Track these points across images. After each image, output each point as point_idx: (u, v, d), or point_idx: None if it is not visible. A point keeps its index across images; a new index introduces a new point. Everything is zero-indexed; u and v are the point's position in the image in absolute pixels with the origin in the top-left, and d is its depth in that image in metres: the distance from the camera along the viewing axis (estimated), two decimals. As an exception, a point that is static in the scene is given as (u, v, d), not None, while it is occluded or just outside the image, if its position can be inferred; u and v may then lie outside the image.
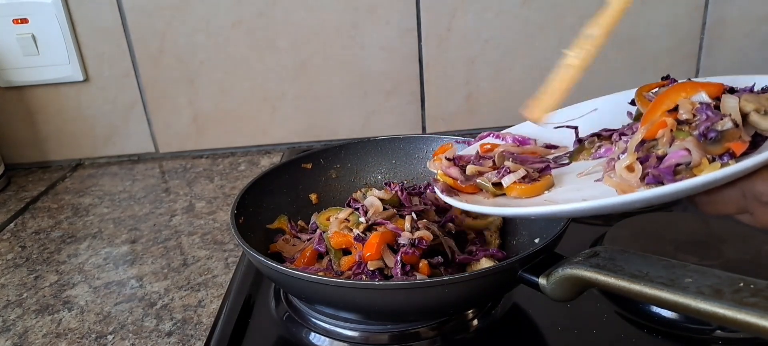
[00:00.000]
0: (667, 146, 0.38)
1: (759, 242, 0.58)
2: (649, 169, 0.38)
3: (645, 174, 0.38)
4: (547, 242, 0.47)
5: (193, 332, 0.55)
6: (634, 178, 0.38)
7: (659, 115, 0.40)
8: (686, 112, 0.39)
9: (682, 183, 0.34)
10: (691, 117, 0.39)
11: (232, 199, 0.84)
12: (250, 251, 0.49)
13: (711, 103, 0.39)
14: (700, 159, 0.36)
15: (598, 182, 0.43)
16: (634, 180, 0.38)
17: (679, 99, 0.40)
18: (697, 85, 0.40)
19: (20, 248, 0.75)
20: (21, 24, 0.91)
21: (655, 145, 0.39)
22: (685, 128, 0.38)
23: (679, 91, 0.40)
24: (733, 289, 0.35)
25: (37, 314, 0.60)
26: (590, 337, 0.50)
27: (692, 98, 0.40)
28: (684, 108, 0.39)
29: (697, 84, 0.40)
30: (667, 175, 0.36)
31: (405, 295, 0.46)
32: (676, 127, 0.39)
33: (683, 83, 0.41)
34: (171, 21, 0.93)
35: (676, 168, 0.37)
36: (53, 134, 1.01)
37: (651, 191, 0.35)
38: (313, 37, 0.95)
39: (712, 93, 0.39)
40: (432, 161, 0.52)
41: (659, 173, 0.37)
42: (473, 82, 0.99)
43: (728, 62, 0.98)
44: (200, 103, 0.99)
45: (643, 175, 0.38)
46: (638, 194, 0.35)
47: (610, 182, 0.40)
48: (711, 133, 0.37)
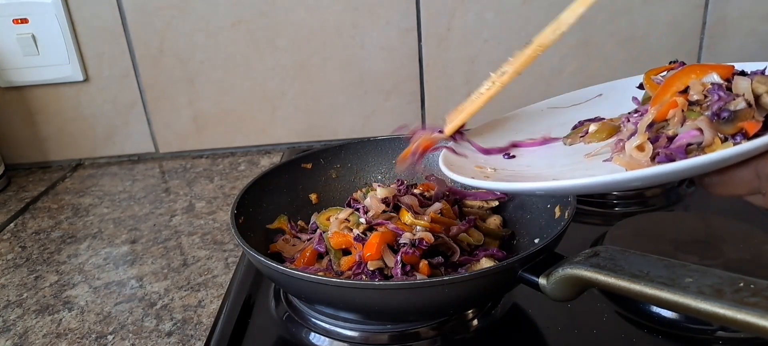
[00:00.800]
0: (679, 126, 0.38)
1: (759, 242, 0.58)
2: (660, 149, 0.37)
3: (656, 153, 0.38)
4: (547, 242, 0.47)
5: (193, 332, 0.55)
6: (644, 157, 0.38)
7: (669, 96, 0.40)
8: (697, 93, 0.39)
9: (696, 159, 0.33)
10: (703, 98, 0.38)
11: (232, 199, 0.84)
12: (250, 251, 0.49)
13: (723, 83, 0.38)
14: (712, 138, 0.36)
15: (607, 162, 0.42)
16: (644, 159, 0.38)
17: (689, 80, 0.40)
18: (707, 67, 0.40)
19: (20, 248, 0.75)
20: (21, 24, 0.91)
21: (665, 126, 0.39)
22: (696, 109, 0.38)
23: (689, 73, 0.40)
24: (733, 289, 0.34)
25: (38, 314, 0.60)
26: (590, 337, 0.50)
27: (703, 79, 0.39)
28: (695, 89, 0.39)
29: (707, 66, 0.40)
30: (680, 153, 0.36)
31: (405, 295, 0.45)
32: (687, 107, 0.38)
33: (693, 66, 0.41)
34: (171, 21, 0.93)
35: (687, 147, 0.36)
36: (53, 134, 1.01)
37: (664, 167, 0.34)
38: (313, 37, 0.95)
39: (722, 75, 0.39)
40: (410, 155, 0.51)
41: (671, 152, 0.37)
42: (473, 82, 0.98)
43: (728, 61, 0.98)
44: (200, 103, 0.99)
45: (653, 154, 0.38)
46: (651, 169, 0.35)
47: (620, 161, 0.40)
48: (724, 113, 0.36)
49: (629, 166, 0.39)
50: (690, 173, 0.35)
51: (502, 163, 0.49)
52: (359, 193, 0.64)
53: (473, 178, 0.44)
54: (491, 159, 0.50)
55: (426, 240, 0.53)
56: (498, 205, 0.65)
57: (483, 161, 0.49)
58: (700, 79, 0.39)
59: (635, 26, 0.95)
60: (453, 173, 0.45)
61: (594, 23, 0.94)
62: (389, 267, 0.52)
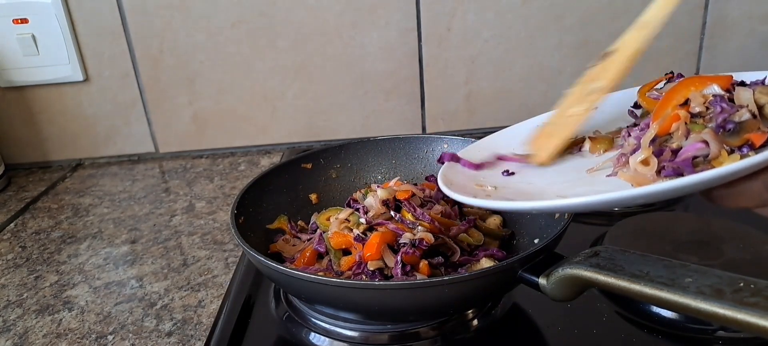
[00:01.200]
0: (683, 139, 0.38)
1: (759, 242, 0.58)
2: (665, 163, 0.37)
3: (661, 167, 0.37)
4: (547, 242, 0.47)
5: (193, 332, 0.55)
6: (649, 171, 0.38)
7: (671, 109, 0.39)
8: (698, 105, 0.38)
9: (708, 173, 0.32)
10: (704, 110, 0.38)
11: (232, 199, 0.84)
12: (250, 251, 0.49)
13: (724, 95, 0.38)
14: (718, 151, 0.36)
15: (611, 178, 0.42)
16: (650, 174, 0.38)
17: (689, 93, 0.39)
18: (705, 78, 0.40)
19: (20, 248, 0.75)
20: (21, 24, 0.91)
21: (668, 139, 0.39)
22: (699, 121, 0.38)
23: (688, 86, 0.40)
24: (733, 289, 0.34)
25: (38, 314, 0.60)
26: (590, 337, 0.50)
27: (704, 91, 0.39)
28: (696, 101, 0.39)
29: (706, 78, 0.40)
30: (687, 166, 0.36)
31: (405, 295, 0.45)
32: (690, 120, 0.38)
33: (691, 78, 0.41)
34: (171, 21, 0.93)
35: (693, 160, 0.36)
36: (53, 134, 1.01)
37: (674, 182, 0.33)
38: (313, 37, 0.95)
39: (722, 85, 0.39)
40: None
41: (678, 166, 0.36)
42: (473, 82, 0.98)
43: (728, 61, 0.98)
44: (200, 103, 0.99)
45: (658, 168, 0.37)
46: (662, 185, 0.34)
47: (625, 176, 0.40)
48: (729, 125, 0.36)
49: (635, 180, 0.39)
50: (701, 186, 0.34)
51: (502, 180, 0.48)
52: (359, 193, 0.64)
53: (475, 196, 0.44)
54: (490, 176, 0.49)
55: (426, 240, 0.53)
56: (498, 205, 0.65)
57: (482, 179, 0.48)
58: (700, 90, 0.39)
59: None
60: (453, 192, 0.45)
61: (594, 23, 0.94)
62: (389, 267, 0.52)
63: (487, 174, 0.49)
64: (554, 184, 0.46)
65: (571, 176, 0.46)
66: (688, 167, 0.36)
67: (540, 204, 0.43)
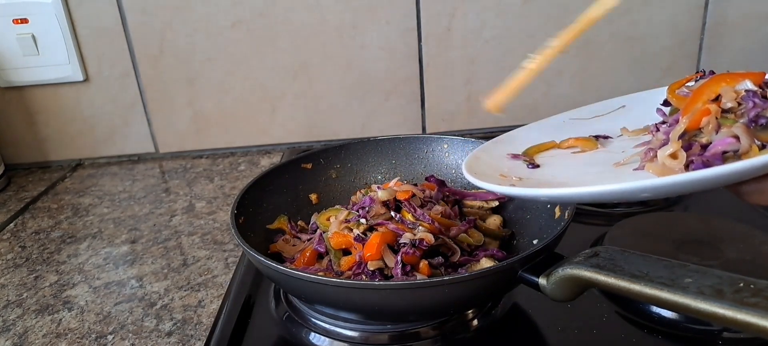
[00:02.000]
0: (713, 134, 0.37)
1: (759, 242, 0.58)
2: (694, 157, 0.37)
3: (690, 161, 0.37)
4: (547, 242, 0.47)
5: (193, 332, 0.55)
6: (678, 164, 0.38)
7: (701, 104, 0.39)
8: (730, 100, 0.38)
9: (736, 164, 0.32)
10: (736, 105, 0.38)
11: (232, 199, 0.84)
12: (250, 251, 0.49)
13: (757, 90, 0.38)
14: (749, 145, 0.35)
15: (638, 171, 0.42)
16: (678, 167, 0.38)
17: (720, 88, 0.39)
18: (737, 75, 0.40)
19: (20, 248, 0.75)
20: (21, 24, 0.91)
21: (698, 134, 0.38)
22: (730, 116, 0.38)
23: (719, 82, 0.40)
24: (733, 289, 0.34)
25: (37, 314, 0.60)
26: (590, 337, 0.50)
27: (736, 87, 0.39)
28: (727, 96, 0.39)
29: (738, 74, 0.40)
30: (716, 160, 0.36)
31: (405, 295, 0.45)
32: (720, 115, 0.38)
33: (722, 74, 0.41)
34: (171, 21, 0.93)
35: (723, 155, 0.36)
36: (53, 134, 1.01)
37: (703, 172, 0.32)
38: (313, 37, 0.95)
39: (755, 82, 0.39)
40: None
41: (708, 159, 0.36)
42: (473, 82, 0.98)
43: (728, 61, 0.98)
44: (200, 103, 0.99)
45: (687, 162, 0.37)
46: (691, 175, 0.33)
47: (653, 168, 0.39)
48: (762, 119, 0.36)
49: (662, 173, 0.38)
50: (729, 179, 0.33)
51: (527, 172, 0.48)
52: (358, 194, 0.64)
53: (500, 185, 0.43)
54: (515, 168, 0.49)
55: (426, 240, 0.53)
56: (498, 205, 0.65)
57: (507, 170, 0.48)
58: (732, 86, 0.39)
59: (635, 26, 0.95)
60: (479, 180, 0.44)
61: (594, 23, 0.93)
62: (389, 267, 0.52)
63: (512, 166, 0.49)
64: (580, 176, 0.46)
65: (598, 169, 0.46)
66: (718, 161, 0.36)
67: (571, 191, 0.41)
